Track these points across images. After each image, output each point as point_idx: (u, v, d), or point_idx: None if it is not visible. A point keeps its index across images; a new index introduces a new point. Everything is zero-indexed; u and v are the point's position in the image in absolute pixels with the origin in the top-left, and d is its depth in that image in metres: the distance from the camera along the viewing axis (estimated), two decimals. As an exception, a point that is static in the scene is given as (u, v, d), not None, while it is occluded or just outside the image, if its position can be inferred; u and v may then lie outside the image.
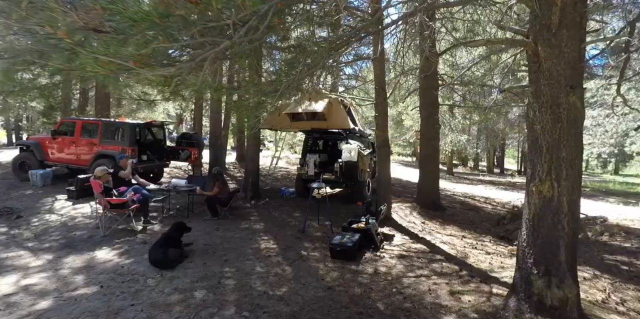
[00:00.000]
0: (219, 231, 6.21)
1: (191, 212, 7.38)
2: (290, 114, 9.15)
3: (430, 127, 8.83)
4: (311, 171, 8.70)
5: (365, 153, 8.50)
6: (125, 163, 7.05)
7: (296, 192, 9.48)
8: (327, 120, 8.79)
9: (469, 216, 8.82)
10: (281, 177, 13.70)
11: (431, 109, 8.84)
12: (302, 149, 9.65)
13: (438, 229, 7.32)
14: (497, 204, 11.57)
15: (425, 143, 9.01)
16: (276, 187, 10.72)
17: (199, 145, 10.17)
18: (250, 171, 8.95)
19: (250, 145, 8.95)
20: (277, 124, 9.54)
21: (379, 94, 7.27)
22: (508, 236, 6.85)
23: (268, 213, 7.71)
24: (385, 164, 7.41)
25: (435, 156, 8.99)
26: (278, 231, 6.38)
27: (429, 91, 8.71)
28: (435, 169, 8.98)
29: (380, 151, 7.37)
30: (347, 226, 5.89)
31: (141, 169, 9.26)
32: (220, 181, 6.93)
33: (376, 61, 7.30)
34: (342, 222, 6.93)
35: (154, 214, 7.15)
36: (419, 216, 8.14)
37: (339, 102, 8.96)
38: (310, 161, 8.75)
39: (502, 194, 14.87)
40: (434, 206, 8.83)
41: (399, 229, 6.94)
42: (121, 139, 9.24)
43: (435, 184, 8.95)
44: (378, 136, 7.34)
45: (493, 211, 10.01)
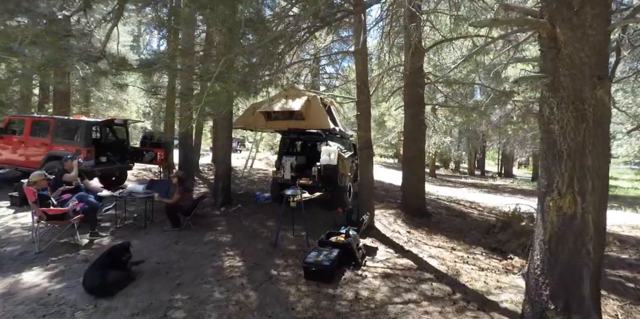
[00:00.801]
0: (179, 244, 5.40)
1: (150, 221, 6.52)
2: (265, 112, 8.39)
3: (415, 127, 8.24)
4: (287, 174, 7.97)
5: (346, 156, 7.83)
6: (70, 165, 6.16)
7: (272, 197, 8.73)
8: (305, 119, 8.08)
9: (456, 224, 8.27)
10: (258, 180, 12.89)
11: (417, 108, 8.26)
12: (278, 151, 8.91)
13: (425, 239, 6.71)
14: (483, 209, 11.14)
15: (409, 144, 8.42)
16: (251, 192, 9.93)
17: (165, 145, 9.28)
18: (221, 174, 8.13)
19: (221, 145, 8.14)
20: (251, 123, 8.77)
21: (361, 92, 6.61)
22: (500, 248, 6.30)
23: (238, 222, 6.92)
24: (368, 167, 6.76)
25: (420, 158, 8.41)
26: (247, 244, 5.62)
27: (415, 88, 8.13)
28: (420, 173, 8.40)
29: (363, 153, 6.71)
30: (325, 239, 5.19)
31: (99, 172, 8.33)
32: (181, 187, 6.12)
33: (358, 55, 6.64)
34: (320, 232, 6.24)
35: (106, 224, 6.26)
36: (404, 225, 7.53)
37: (318, 100, 8.26)
38: (286, 163, 8.02)
39: (486, 197, 14.54)
40: (420, 213, 8.25)
41: (383, 241, 6.29)
42: (76, 139, 8.28)
43: (421, 188, 8.37)
44: (360, 136, 6.68)
45: (480, 217, 9.53)
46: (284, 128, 8.28)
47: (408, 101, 8.40)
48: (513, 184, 22.04)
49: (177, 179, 6.21)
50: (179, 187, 6.09)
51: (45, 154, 8.33)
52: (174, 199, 6.01)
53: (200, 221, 6.70)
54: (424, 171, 8.54)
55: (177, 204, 6.04)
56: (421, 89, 8.20)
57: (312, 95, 8.43)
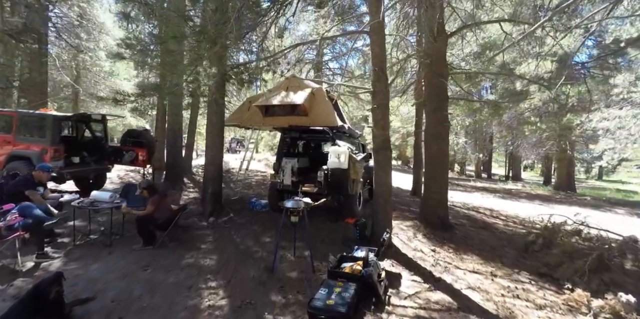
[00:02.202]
0: (148, 270, 4.20)
1: (119, 236, 5.34)
2: (263, 107, 7.22)
3: (437, 124, 7.03)
4: (288, 179, 6.77)
5: (358, 158, 6.62)
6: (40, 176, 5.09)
7: (269, 205, 7.53)
8: (308, 115, 6.91)
9: (484, 239, 7.06)
10: (255, 183, 11.69)
11: (439, 102, 7.05)
12: (277, 152, 7.72)
13: (455, 261, 5.51)
14: (506, 218, 9.93)
15: (430, 145, 7.21)
16: (246, 198, 8.73)
17: (148, 145, 8.10)
18: (210, 178, 6.94)
19: (211, 145, 6.94)
20: (247, 120, 7.58)
21: (378, 79, 5.43)
22: (551, 274, 5.09)
23: (228, 237, 5.72)
24: (385, 173, 5.57)
25: (443, 161, 7.20)
26: (236, 269, 4.42)
27: (437, 79, 6.93)
28: (443, 179, 7.19)
29: (379, 155, 5.52)
30: (337, 267, 3.99)
31: (69, 174, 7.16)
32: (156, 196, 4.93)
33: (374, 34, 5.46)
34: (325, 250, 5.09)
35: (65, 239, 5.08)
36: (426, 241, 6.32)
37: (324, 93, 7.09)
38: (286, 166, 6.82)
39: (504, 204, 13.33)
40: (442, 225, 7.04)
41: (405, 263, 5.09)
42: (42, 136, 7.11)
43: (443, 197, 7.16)
44: (376, 135, 5.50)
45: (508, 229, 8.31)
46: (283, 125, 7.09)
47: (428, 93, 7.21)
48: (526, 188, 20.80)
49: (145, 190, 5.03)
50: (153, 197, 4.90)
51: (7, 153, 7.16)
52: (146, 211, 4.82)
53: (181, 236, 5.50)
54: (447, 177, 7.34)
55: (150, 216, 4.85)
56: (444, 80, 7.01)
57: (317, 87, 7.25)
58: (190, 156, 13.08)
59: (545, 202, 15.13)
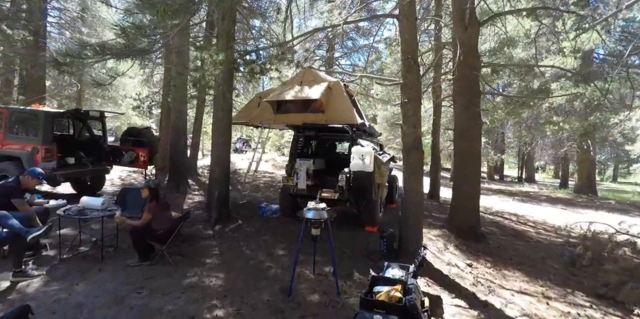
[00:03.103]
0: (142, 293, 3.54)
1: (113, 248, 4.69)
2: (274, 102, 6.56)
3: (469, 122, 6.31)
4: (302, 183, 6.08)
5: (384, 160, 5.90)
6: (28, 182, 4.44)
7: (281, 210, 6.85)
8: (325, 111, 6.23)
9: (519, 249, 6.33)
10: (264, 185, 11.02)
11: (471, 97, 6.33)
12: (290, 152, 7.05)
13: (497, 278, 4.78)
14: (535, 225, 9.17)
15: (461, 145, 6.50)
16: (255, 201, 8.06)
17: (150, 144, 7.46)
18: (216, 181, 6.27)
19: (216, 144, 6.28)
20: (257, 117, 6.93)
21: (409, 70, 4.72)
22: (613, 296, 4.35)
23: (237, 249, 5.05)
24: (417, 178, 4.86)
25: (476, 164, 6.47)
26: (246, 290, 3.74)
27: (468, 71, 6.21)
28: (475, 184, 6.46)
29: (410, 157, 4.81)
30: (369, 293, 3.28)
31: (62, 176, 6.55)
32: (154, 203, 4.27)
33: (404, 17, 4.75)
34: (349, 268, 4.41)
35: (50, 252, 4.44)
36: (460, 253, 5.61)
37: (342, 87, 6.40)
38: (301, 169, 6.14)
39: (525, 208, 12.53)
40: (474, 235, 6.32)
41: (442, 282, 4.39)
42: (34, 134, 6.51)
43: (476, 204, 6.43)
44: (406, 133, 4.79)
45: (541, 237, 7.56)
46: (297, 123, 6.42)
47: (458, 87, 6.48)
48: (544, 191, 19.92)
49: (147, 190, 4.35)
50: (149, 204, 4.24)
51: (-4, 152, 6.57)
52: (142, 221, 4.15)
53: (184, 249, 4.84)
54: (479, 182, 6.61)
55: (147, 227, 4.19)
56: (477, 72, 6.29)
57: (334, 80, 6.57)
58: (196, 156, 12.46)
59: (569, 206, 14.32)
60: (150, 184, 4.39)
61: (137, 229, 4.16)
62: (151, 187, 4.36)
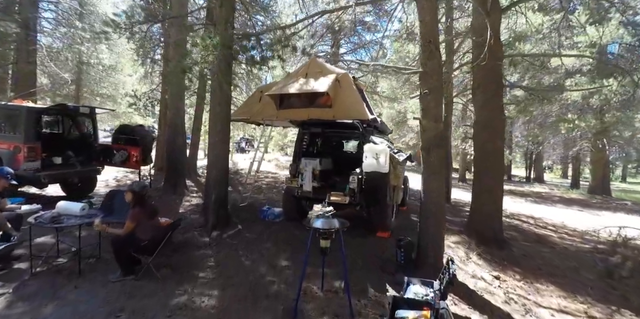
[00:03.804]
0: (120, 318, 2.99)
1: (95, 260, 4.15)
2: (277, 97, 5.99)
3: (492, 116, 5.73)
4: (308, 184, 5.52)
5: (401, 159, 5.32)
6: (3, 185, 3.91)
7: (284, 214, 6.30)
8: (332, 106, 5.66)
9: (547, 258, 5.74)
10: (266, 186, 10.47)
11: (493, 90, 5.75)
12: (294, 151, 6.49)
13: (530, 293, 4.21)
14: (556, 229, 8.56)
15: (482, 143, 5.91)
16: (257, 204, 7.51)
17: (143, 143, 6.92)
18: (214, 182, 5.72)
19: (214, 142, 5.73)
20: (258, 113, 6.37)
21: (429, 56, 4.14)
22: (670, 315, 3.77)
23: (235, 259, 4.49)
24: (438, 178, 4.29)
25: (499, 163, 5.89)
26: (243, 314, 3.18)
27: (491, 61, 5.61)
28: (498, 185, 5.87)
29: (431, 155, 4.24)
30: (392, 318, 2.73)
31: (46, 178, 6.03)
32: (139, 208, 3.72)
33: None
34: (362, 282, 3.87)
35: (22, 265, 3.91)
36: (484, 263, 5.03)
37: (351, 80, 5.84)
38: (306, 169, 5.58)
39: (541, 210, 11.90)
40: (496, 241, 5.74)
41: (469, 298, 3.82)
42: (15, 132, 6.00)
43: (499, 207, 5.86)
44: (427, 128, 4.21)
45: (566, 243, 6.96)
46: (302, 118, 5.86)
47: (480, 79, 5.89)
48: (556, 191, 19.25)
49: (130, 194, 3.80)
50: (133, 210, 3.69)
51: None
52: (124, 230, 3.61)
53: (174, 259, 4.29)
54: (502, 184, 6.01)
55: (130, 237, 3.65)
56: (500, 62, 5.71)
57: (343, 72, 5.99)
58: (196, 155, 11.93)
59: (585, 207, 13.70)
60: (134, 187, 3.84)
61: (119, 239, 3.62)
62: (135, 190, 3.80)
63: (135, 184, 3.90)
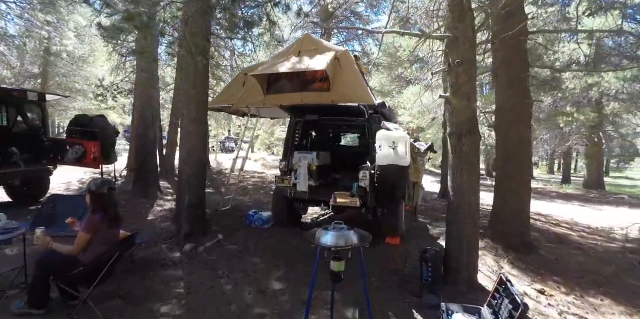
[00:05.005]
0: None
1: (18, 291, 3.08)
2: (264, 78, 5.01)
3: (516, 101, 4.89)
4: (303, 184, 4.54)
5: (422, 149, 4.37)
6: None
7: (275, 219, 5.31)
8: (331, 89, 4.71)
9: (581, 262, 4.95)
10: (253, 187, 9.45)
11: (518, 71, 4.92)
12: (285, 144, 5.51)
13: (586, 310, 3.38)
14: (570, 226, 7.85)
15: (505, 133, 5.06)
16: (241, 208, 6.50)
17: (104, 137, 5.80)
18: (187, 184, 4.67)
19: (188, 133, 4.68)
20: (242, 100, 5.38)
21: (460, 18, 3.24)
22: None
23: (213, 281, 3.47)
24: (472, 172, 3.39)
25: (526, 156, 5.06)
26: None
27: (515, 39, 4.77)
28: (525, 182, 5.05)
29: (462, 143, 3.34)
30: None
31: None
32: (98, 215, 2.68)
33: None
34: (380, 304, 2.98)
35: None
36: (519, 272, 4.17)
37: (352, 58, 4.90)
38: (301, 165, 4.61)
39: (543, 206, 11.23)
40: (524, 245, 4.91)
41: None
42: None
43: (526, 207, 5.05)
44: (458, 109, 3.31)
45: (590, 243, 6.21)
46: (295, 103, 4.89)
47: (503, 59, 5.04)
48: (552, 187, 18.83)
49: (89, 195, 2.76)
50: (90, 217, 2.66)
51: None
52: (77, 245, 2.57)
53: (130, 285, 3.25)
54: (530, 182, 5.19)
55: (73, 257, 2.61)
56: (525, 38, 4.87)
57: (342, 50, 5.03)
58: (173, 153, 10.78)
59: (585, 203, 13.23)
60: (90, 185, 2.80)
61: (49, 259, 2.57)
62: (92, 190, 2.76)
63: (93, 181, 2.86)
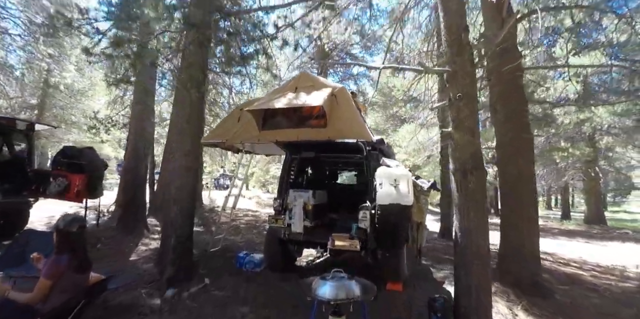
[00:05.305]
0: None
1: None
2: (260, 113, 4.91)
3: (516, 136, 4.80)
4: (298, 224, 4.27)
5: (425, 187, 4.15)
6: None
7: (267, 261, 4.94)
8: (327, 125, 4.59)
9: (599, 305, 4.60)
10: (245, 226, 9.05)
11: (515, 106, 4.89)
12: (280, 181, 5.29)
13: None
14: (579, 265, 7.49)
15: (506, 167, 4.92)
16: (232, 248, 6.11)
17: (91, 169, 5.53)
18: (175, 222, 4.38)
19: (180, 168, 4.47)
20: (237, 135, 5.22)
21: (459, 52, 3.21)
22: None
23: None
24: (479, 209, 3.17)
25: (529, 189, 4.86)
26: None
27: (511, 75, 4.80)
28: (532, 217, 4.81)
29: (468, 180, 3.15)
30: None
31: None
32: (65, 256, 2.38)
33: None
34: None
35: None
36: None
37: (349, 95, 4.85)
38: (296, 203, 4.36)
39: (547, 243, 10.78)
40: (537, 288, 4.57)
41: None
42: None
43: (535, 245, 4.77)
44: (460, 144, 3.17)
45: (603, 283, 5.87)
46: (291, 139, 4.74)
47: (500, 94, 5.02)
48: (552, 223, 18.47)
49: (55, 232, 2.48)
50: (52, 258, 2.36)
51: None
52: (36, 293, 2.25)
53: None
54: (537, 218, 4.97)
55: (31, 307, 2.27)
56: (520, 73, 4.90)
57: (339, 86, 4.98)
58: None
59: (589, 239, 12.91)
60: (58, 223, 2.53)
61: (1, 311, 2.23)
62: (59, 227, 2.49)
63: (62, 218, 2.58)
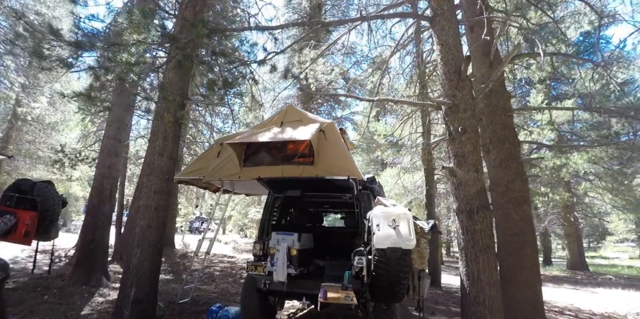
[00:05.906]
0: None
1: None
2: (242, 147, 4.59)
3: (511, 178, 4.61)
4: (281, 272, 3.74)
5: (426, 228, 3.76)
6: None
7: (244, 315, 4.28)
8: (314, 162, 4.30)
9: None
10: (220, 274, 8.23)
11: (509, 149, 4.77)
12: (261, 223, 4.81)
13: None
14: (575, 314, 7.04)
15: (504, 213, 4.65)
16: (204, 300, 5.38)
17: (45, 207, 4.82)
18: (137, 270, 3.76)
19: (145, 208, 3.96)
20: (215, 172, 4.83)
21: (459, 86, 3.08)
22: None
23: None
24: (488, 256, 2.82)
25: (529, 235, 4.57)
26: None
27: (502, 116, 4.76)
28: (534, 265, 4.47)
29: (475, 222, 2.83)
30: None
31: None
32: None
33: (443, 19, 3.29)
34: None
35: None
36: None
37: (337, 131, 4.64)
38: (279, 248, 3.87)
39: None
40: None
41: None
42: None
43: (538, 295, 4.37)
44: (464, 182, 2.90)
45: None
46: (275, 176, 4.38)
47: (492, 137, 4.92)
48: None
49: None
50: None
51: None
52: None
53: None
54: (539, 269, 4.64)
55: None
56: (510, 114, 4.86)
57: (327, 122, 4.77)
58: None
59: (576, 285, 12.64)
60: None
61: None
62: None
63: None
